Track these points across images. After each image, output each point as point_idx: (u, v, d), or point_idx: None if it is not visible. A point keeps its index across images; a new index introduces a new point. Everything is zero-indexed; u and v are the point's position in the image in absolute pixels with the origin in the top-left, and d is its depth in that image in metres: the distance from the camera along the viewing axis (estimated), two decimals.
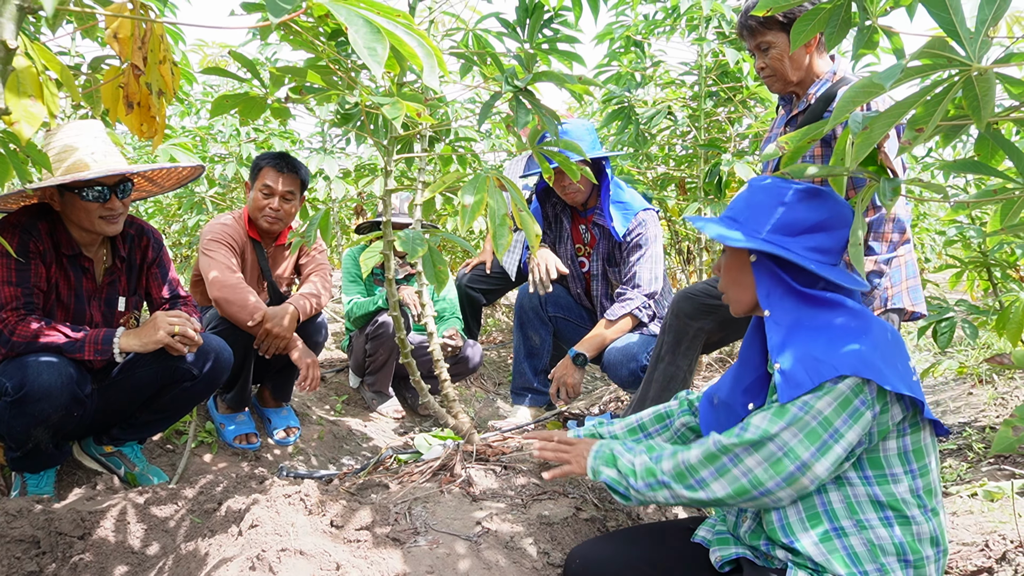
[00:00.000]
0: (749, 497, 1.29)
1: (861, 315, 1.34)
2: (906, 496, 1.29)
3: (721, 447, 1.31)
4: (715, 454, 1.32)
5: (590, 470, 1.51)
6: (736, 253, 1.48)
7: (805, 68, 2.16)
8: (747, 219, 1.44)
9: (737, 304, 1.51)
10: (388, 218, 2.07)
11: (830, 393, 1.24)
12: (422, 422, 3.68)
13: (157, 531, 1.91)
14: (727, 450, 1.30)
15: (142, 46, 1.57)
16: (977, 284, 3.54)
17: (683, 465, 1.35)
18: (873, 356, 1.25)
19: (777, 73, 2.19)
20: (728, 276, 1.50)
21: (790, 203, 1.40)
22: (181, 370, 2.35)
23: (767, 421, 1.28)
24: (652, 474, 1.39)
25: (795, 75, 2.18)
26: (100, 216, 2.17)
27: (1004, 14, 1.14)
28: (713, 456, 1.32)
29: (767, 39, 2.15)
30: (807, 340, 1.31)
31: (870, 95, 1.18)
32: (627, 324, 2.90)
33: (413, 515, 1.79)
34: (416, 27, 1.13)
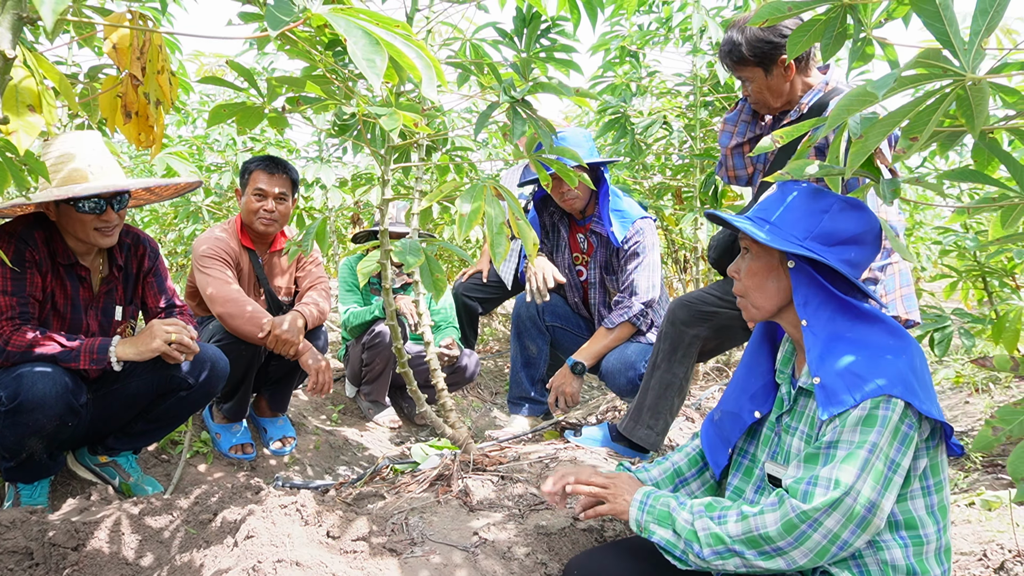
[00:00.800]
0: (831, 556, 1.21)
1: (898, 331, 1.31)
2: (922, 514, 1.28)
3: (801, 514, 1.20)
4: (794, 523, 1.21)
5: (635, 523, 1.41)
6: (766, 257, 1.40)
7: (787, 92, 2.24)
8: (783, 223, 1.37)
9: (757, 311, 1.44)
10: (385, 227, 2.07)
11: (884, 424, 1.20)
12: (418, 432, 3.67)
13: (152, 542, 1.89)
14: (807, 517, 1.20)
15: (140, 56, 1.57)
16: (972, 294, 3.55)
17: (757, 532, 1.24)
18: (911, 377, 1.23)
19: (760, 102, 2.28)
20: (752, 280, 1.42)
21: (833, 212, 1.36)
22: (177, 379, 2.34)
23: (840, 471, 1.19)
24: (720, 540, 1.27)
25: (777, 102, 2.26)
26: (95, 228, 2.17)
27: (997, 26, 1.15)
28: (792, 525, 1.21)
29: (744, 74, 2.24)
30: (847, 354, 1.26)
31: (864, 104, 1.19)
32: (625, 332, 2.90)
33: (410, 525, 1.79)
34: (415, 38, 1.14)
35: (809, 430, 1.35)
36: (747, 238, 1.42)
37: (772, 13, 1.51)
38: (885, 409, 1.20)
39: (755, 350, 1.54)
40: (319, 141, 5.28)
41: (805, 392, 1.39)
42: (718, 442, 1.58)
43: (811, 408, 1.37)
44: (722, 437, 1.57)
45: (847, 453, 1.20)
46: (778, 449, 1.45)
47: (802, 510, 1.20)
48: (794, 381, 1.46)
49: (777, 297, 1.40)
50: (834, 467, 1.20)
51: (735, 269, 1.46)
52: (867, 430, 1.20)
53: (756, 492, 1.47)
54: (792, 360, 1.49)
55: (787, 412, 1.43)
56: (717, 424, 1.59)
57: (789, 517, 1.21)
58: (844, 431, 1.22)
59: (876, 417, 1.20)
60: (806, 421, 1.37)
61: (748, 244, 1.42)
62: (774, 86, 2.20)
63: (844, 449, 1.21)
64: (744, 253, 1.45)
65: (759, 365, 1.52)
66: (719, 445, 1.58)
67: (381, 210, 2.09)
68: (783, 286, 1.39)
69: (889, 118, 1.21)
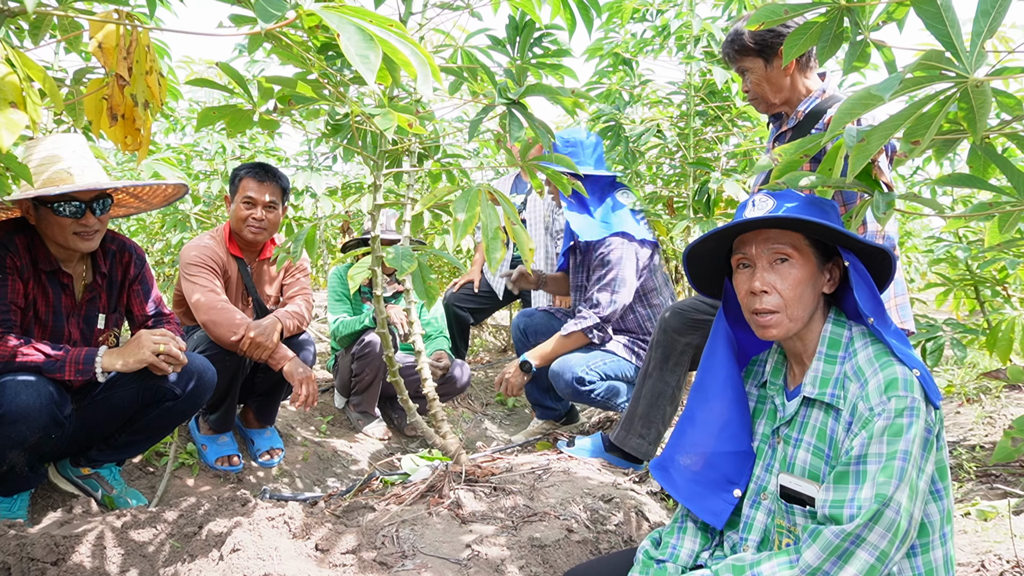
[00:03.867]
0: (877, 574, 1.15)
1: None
2: (933, 519, 1.25)
3: (844, 535, 1.14)
4: (838, 544, 1.15)
5: None
6: (807, 263, 1.33)
7: (787, 88, 2.20)
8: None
9: (793, 324, 1.33)
10: (377, 233, 2.03)
11: (911, 431, 1.16)
12: (408, 443, 3.62)
13: (135, 556, 1.84)
14: (849, 535, 1.14)
15: (127, 56, 1.54)
16: (963, 303, 3.56)
17: (804, 572, 1.17)
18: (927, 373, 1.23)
19: (759, 96, 2.24)
20: (796, 290, 1.32)
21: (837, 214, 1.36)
22: (163, 389, 2.29)
23: (879, 486, 1.14)
24: None
25: (776, 97, 2.22)
26: (74, 232, 2.12)
27: (998, 28, 1.14)
28: (836, 547, 1.15)
29: (745, 64, 2.21)
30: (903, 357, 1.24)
31: (867, 107, 1.17)
32: (576, 341, 2.92)
33: (400, 538, 1.74)
34: (409, 36, 1.11)
35: (818, 442, 1.31)
36: (786, 247, 1.32)
37: (768, 16, 1.50)
38: (910, 417, 1.17)
39: (724, 377, 1.46)
40: (309, 150, 5.25)
41: (809, 402, 1.35)
42: (716, 487, 1.46)
43: (818, 419, 1.33)
44: (716, 481, 1.45)
45: (881, 466, 1.16)
46: (773, 461, 1.41)
47: (845, 531, 1.15)
48: (788, 392, 1.43)
49: (812, 306, 1.34)
50: (872, 484, 1.15)
51: (766, 283, 1.33)
52: (895, 440, 1.16)
53: (752, 507, 1.43)
54: (783, 371, 1.46)
55: (786, 424, 1.39)
56: (701, 472, 1.46)
57: (831, 541, 1.15)
58: (872, 443, 1.18)
59: (902, 425, 1.17)
60: (812, 432, 1.33)
61: (789, 253, 1.32)
62: (773, 79, 2.18)
63: (875, 463, 1.17)
64: (772, 265, 1.34)
65: (731, 390, 1.45)
66: (718, 490, 1.46)
67: (373, 216, 2.06)
68: (817, 295, 1.35)
69: (891, 122, 1.19)
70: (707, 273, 1.53)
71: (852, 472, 1.18)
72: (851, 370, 1.29)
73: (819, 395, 1.31)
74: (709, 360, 1.52)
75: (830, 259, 1.37)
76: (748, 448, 1.44)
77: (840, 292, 1.41)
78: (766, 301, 1.33)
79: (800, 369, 1.40)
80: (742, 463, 1.44)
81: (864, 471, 1.17)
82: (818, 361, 1.34)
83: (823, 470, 1.29)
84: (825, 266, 1.36)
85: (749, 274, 1.37)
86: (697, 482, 1.46)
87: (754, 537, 1.39)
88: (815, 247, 1.35)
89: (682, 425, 1.54)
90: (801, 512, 1.30)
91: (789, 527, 1.32)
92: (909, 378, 1.21)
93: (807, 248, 1.34)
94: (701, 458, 1.47)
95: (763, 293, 1.33)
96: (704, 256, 1.49)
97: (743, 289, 1.38)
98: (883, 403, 1.19)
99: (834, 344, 1.34)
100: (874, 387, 1.22)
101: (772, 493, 1.38)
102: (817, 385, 1.32)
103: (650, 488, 2.37)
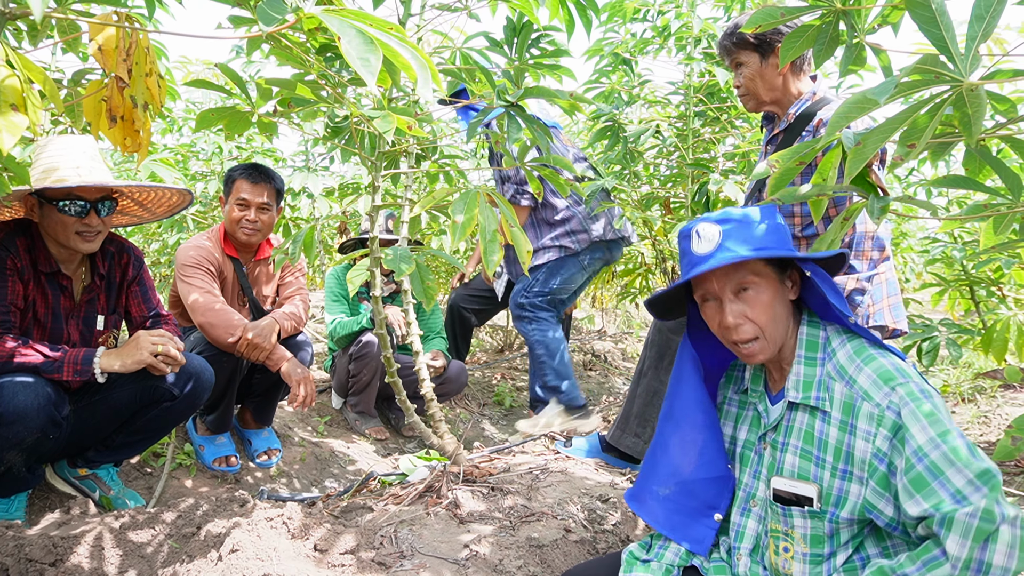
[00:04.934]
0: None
1: None
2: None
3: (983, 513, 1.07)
4: (981, 527, 1.06)
5: None
6: (768, 284, 1.34)
7: (779, 88, 2.21)
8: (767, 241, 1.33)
9: (772, 344, 1.34)
10: (375, 234, 2.04)
11: (940, 404, 1.18)
12: (406, 443, 3.62)
13: (133, 557, 1.84)
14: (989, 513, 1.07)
15: (127, 58, 1.54)
16: (958, 303, 3.57)
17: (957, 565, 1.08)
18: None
19: (750, 92, 2.25)
20: (768, 313, 1.33)
21: (777, 219, 1.38)
22: (161, 390, 2.29)
23: (972, 463, 1.09)
24: None
25: (768, 95, 2.23)
26: (76, 231, 2.12)
27: (992, 32, 1.15)
28: (981, 530, 1.06)
29: (740, 58, 2.22)
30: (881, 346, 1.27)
31: (864, 110, 1.18)
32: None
33: (399, 538, 1.75)
34: (409, 39, 1.12)
35: (805, 444, 1.31)
36: (746, 276, 1.33)
37: (765, 19, 1.51)
38: (926, 397, 1.17)
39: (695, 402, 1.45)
40: (306, 151, 5.25)
41: (793, 406, 1.36)
42: (697, 515, 1.45)
43: (804, 422, 1.33)
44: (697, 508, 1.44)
45: (948, 448, 1.11)
46: (760, 468, 1.41)
47: (983, 508, 1.06)
48: (771, 397, 1.43)
49: (786, 320, 1.35)
50: (957, 469, 1.10)
51: (736, 314, 1.33)
52: (935, 421, 1.13)
53: (743, 515, 1.43)
54: (763, 376, 1.46)
55: (772, 429, 1.40)
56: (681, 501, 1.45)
57: (973, 524, 1.07)
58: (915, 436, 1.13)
59: (929, 407, 1.15)
60: (799, 436, 1.33)
61: (752, 281, 1.33)
62: (767, 76, 2.19)
63: (935, 448, 1.11)
64: (737, 295, 1.34)
65: (702, 415, 1.45)
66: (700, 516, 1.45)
67: (371, 217, 2.07)
68: (787, 307, 1.36)
69: (887, 125, 1.20)
70: (669, 299, 1.53)
71: (923, 470, 1.12)
72: (833, 370, 1.30)
73: (804, 399, 1.32)
74: (676, 386, 1.51)
75: (788, 268, 1.39)
76: (726, 472, 1.44)
77: (804, 292, 1.41)
78: (742, 332, 1.33)
79: (780, 374, 1.41)
80: (721, 488, 1.44)
81: (933, 463, 1.11)
82: (798, 364, 1.34)
83: (813, 472, 1.29)
84: (786, 275, 1.38)
85: (717, 307, 1.37)
86: (678, 512, 1.46)
87: (746, 545, 1.40)
88: (773, 264, 1.36)
89: (654, 454, 1.53)
90: (800, 513, 1.29)
91: (786, 530, 1.32)
92: (897, 365, 1.22)
93: (766, 269, 1.35)
94: (680, 487, 1.46)
95: (737, 325, 1.33)
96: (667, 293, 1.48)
97: (715, 323, 1.38)
98: (889, 395, 1.18)
99: (811, 346, 1.35)
100: (868, 383, 1.22)
101: (762, 500, 1.39)
102: (800, 389, 1.33)
103: None
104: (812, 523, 1.28)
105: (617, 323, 8.21)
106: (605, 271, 5.03)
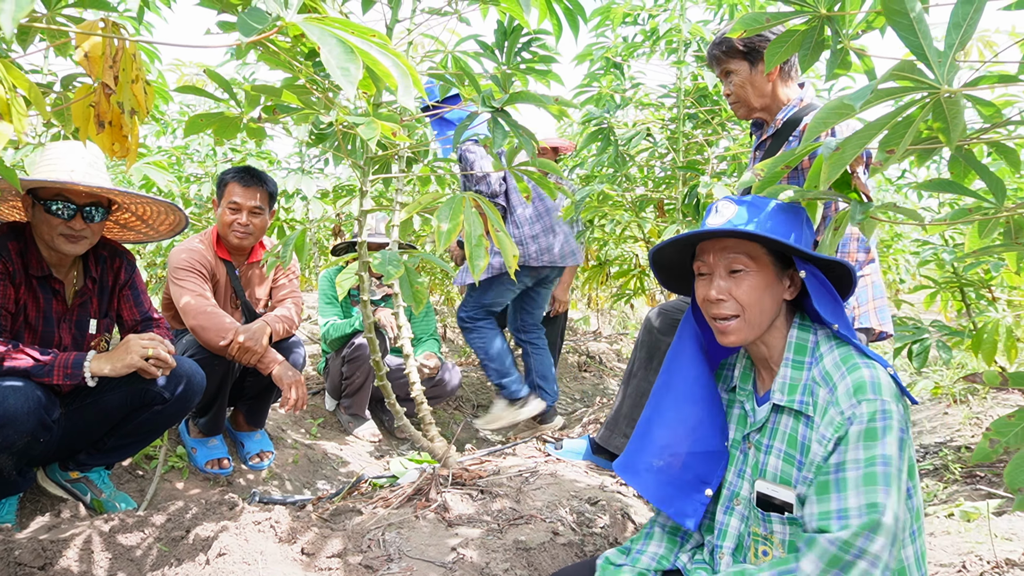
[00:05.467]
0: None
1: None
2: (904, 517, 1.23)
3: (843, 544, 1.13)
4: (837, 555, 1.13)
5: None
6: (764, 272, 1.35)
7: (769, 95, 2.24)
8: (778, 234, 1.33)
9: (751, 331, 1.35)
10: (364, 238, 2.05)
11: (887, 434, 1.17)
12: (399, 445, 3.63)
13: (122, 560, 1.85)
14: (850, 545, 1.13)
15: (113, 65, 1.55)
16: (951, 305, 3.58)
17: None
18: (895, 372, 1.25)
19: (740, 100, 2.28)
20: (752, 296, 1.34)
21: (807, 223, 1.38)
22: (152, 393, 2.30)
23: (867, 494, 1.14)
24: None
25: (758, 101, 2.26)
26: (61, 233, 2.13)
27: (970, 39, 1.16)
28: (835, 558, 1.13)
29: (730, 67, 2.26)
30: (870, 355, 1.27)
31: (841, 116, 1.19)
32: None
33: (387, 541, 1.76)
34: (391, 47, 1.13)
35: (789, 448, 1.32)
36: (741, 256, 1.34)
37: (750, 24, 1.52)
38: (884, 420, 1.18)
39: (695, 376, 1.47)
40: (300, 152, 5.26)
41: (779, 409, 1.36)
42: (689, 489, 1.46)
43: (788, 425, 1.34)
44: (689, 482, 1.45)
45: (862, 473, 1.16)
46: (745, 467, 1.41)
47: (842, 539, 1.13)
48: (758, 398, 1.44)
49: (771, 313, 1.36)
50: (858, 492, 1.15)
51: (721, 291, 1.35)
52: (871, 444, 1.17)
53: (726, 513, 1.44)
54: (752, 376, 1.46)
55: (757, 430, 1.40)
56: (674, 474, 1.46)
57: (829, 551, 1.13)
58: (849, 449, 1.18)
59: (876, 429, 1.17)
60: (782, 439, 1.33)
61: (744, 263, 1.34)
62: (757, 83, 2.22)
63: (855, 469, 1.16)
64: (729, 273, 1.36)
65: (701, 389, 1.46)
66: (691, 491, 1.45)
67: (360, 221, 2.07)
68: (777, 302, 1.37)
69: (866, 130, 1.21)
70: (677, 276, 1.54)
71: (833, 481, 1.18)
72: (819, 375, 1.30)
73: (788, 402, 1.32)
74: (676, 360, 1.51)
75: (790, 266, 1.38)
76: (721, 447, 1.45)
77: (804, 297, 1.41)
78: (723, 307, 1.35)
79: (768, 374, 1.41)
80: (715, 462, 1.45)
81: (844, 479, 1.17)
82: (785, 367, 1.35)
83: (795, 476, 1.29)
84: (785, 273, 1.37)
85: (707, 282, 1.38)
86: (670, 484, 1.46)
87: (728, 544, 1.40)
88: (773, 255, 1.36)
89: (648, 425, 1.53)
90: (779, 519, 1.30)
91: (765, 535, 1.33)
92: (877, 379, 1.22)
93: (764, 257, 1.35)
94: (675, 459, 1.46)
95: (719, 300, 1.35)
96: (674, 260, 1.49)
97: (700, 296, 1.39)
98: (853, 407, 1.19)
99: (800, 349, 1.35)
100: (843, 391, 1.22)
101: (745, 499, 1.39)
102: (786, 392, 1.33)
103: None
104: (791, 530, 1.29)
105: (612, 324, 8.23)
106: (599, 272, 5.04)
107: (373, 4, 2.06)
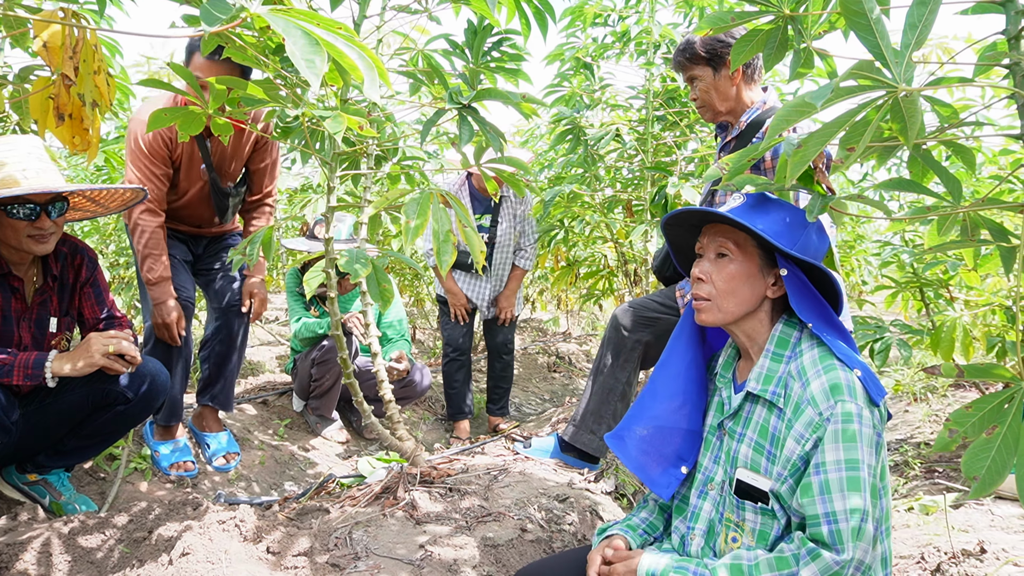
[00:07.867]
0: None
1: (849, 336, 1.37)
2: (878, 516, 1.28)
3: (843, 563, 1.18)
4: (836, 571, 1.18)
5: None
6: (747, 263, 1.38)
7: (733, 98, 2.31)
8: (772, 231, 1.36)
9: (722, 315, 1.39)
10: (330, 235, 2.03)
11: (861, 437, 1.21)
12: (367, 446, 3.61)
13: (82, 563, 1.81)
14: (848, 562, 1.18)
15: (73, 55, 1.52)
16: (911, 304, 3.66)
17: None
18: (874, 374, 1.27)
19: (706, 104, 2.34)
20: (728, 284, 1.37)
21: (811, 229, 1.40)
22: (114, 393, 2.25)
23: (850, 499, 1.19)
24: None
25: (723, 105, 2.32)
26: (28, 235, 2.08)
27: (926, 39, 1.19)
28: (834, 573, 1.18)
29: (694, 72, 2.32)
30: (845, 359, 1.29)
31: (802, 114, 1.21)
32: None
33: (354, 540, 1.75)
34: (357, 39, 1.12)
35: (760, 438, 1.34)
36: (728, 242, 1.38)
37: (716, 23, 1.54)
38: (859, 423, 1.21)
39: (690, 358, 1.52)
40: None
41: (753, 398, 1.39)
42: (666, 462, 1.51)
43: (761, 416, 1.36)
44: (668, 456, 1.51)
45: (843, 476, 1.20)
46: (720, 453, 1.44)
47: (844, 560, 1.18)
48: (737, 386, 1.46)
49: (748, 303, 1.39)
50: (843, 496, 1.19)
51: (704, 271, 1.40)
52: (851, 446, 1.21)
53: (700, 497, 1.46)
54: (734, 365, 1.50)
55: (730, 417, 1.43)
56: (655, 444, 1.51)
57: (832, 568, 1.18)
58: (827, 450, 1.21)
59: (854, 431, 1.21)
60: (755, 428, 1.36)
61: (730, 249, 1.38)
62: (721, 87, 2.28)
63: (836, 471, 1.20)
64: (717, 257, 1.40)
65: (693, 370, 1.51)
66: (668, 465, 1.50)
67: (326, 218, 2.06)
68: (756, 294, 1.39)
69: (827, 128, 1.23)
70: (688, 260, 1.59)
71: (815, 483, 1.21)
72: (795, 370, 1.32)
73: (761, 391, 1.35)
74: (676, 340, 1.57)
75: (777, 265, 1.41)
76: (700, 429, 1.50)
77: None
78: (699, 287, 1.40)
79: (748, 364, 1.44)
80: (694, 442, 1.49)
81: (826, 480, 1.20)
82: (765, 358, 1.38)
83: (764, 465, 1.32)
84: (771, 271, 1.39)
85: (698, 262, 1.44)
86: (648, 453, 1.51)
87: (700, 526, 1.43)
88: (762, 250, 1.38)
89: (643, 399, 1.58)
90: (752, 508, 1.32)
91: (738, 522, 1.35)
92: (851, 383, 1.25)
93: (751, 248, 1.38)
94: (658, 431, 1.51)
95: (699, 280, 1.40)
96: (683, 241, 1.56)
97: (689, 274, 1.46)
98: (831, 407, 1.22)
99: (782, 343, 1.38)
100: (819, 390, 1.25)
101: (719, 484, 1.42)
102: (761, 381, 1.36)
103: (605, 488, 2.40)
104: (762, 520, 1.31)
105: (582, 325, 8.27)
106: (568, 273, 5.06)
107: (342, 1, 2.05)
